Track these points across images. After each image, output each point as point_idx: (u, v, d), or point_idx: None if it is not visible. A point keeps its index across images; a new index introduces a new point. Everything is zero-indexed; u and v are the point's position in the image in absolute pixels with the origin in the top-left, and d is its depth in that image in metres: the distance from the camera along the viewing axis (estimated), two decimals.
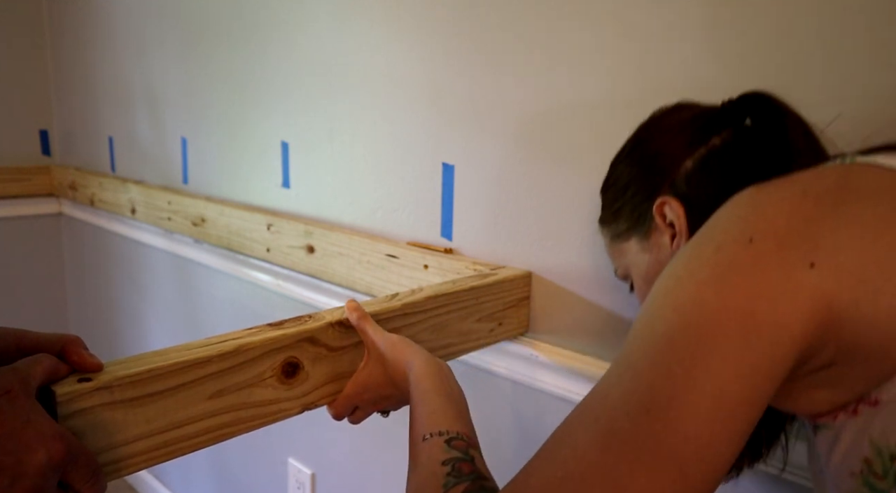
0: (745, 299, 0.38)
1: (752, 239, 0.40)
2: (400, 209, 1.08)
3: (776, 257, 0.39)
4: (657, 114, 0.65)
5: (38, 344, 0.50)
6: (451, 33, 0.95)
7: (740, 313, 0.38)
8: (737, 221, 0.42)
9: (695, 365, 0.38)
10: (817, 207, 0.40)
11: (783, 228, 0.39)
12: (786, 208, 0.40)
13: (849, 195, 0.40)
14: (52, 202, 2.13)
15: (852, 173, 0.42)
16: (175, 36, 1.53)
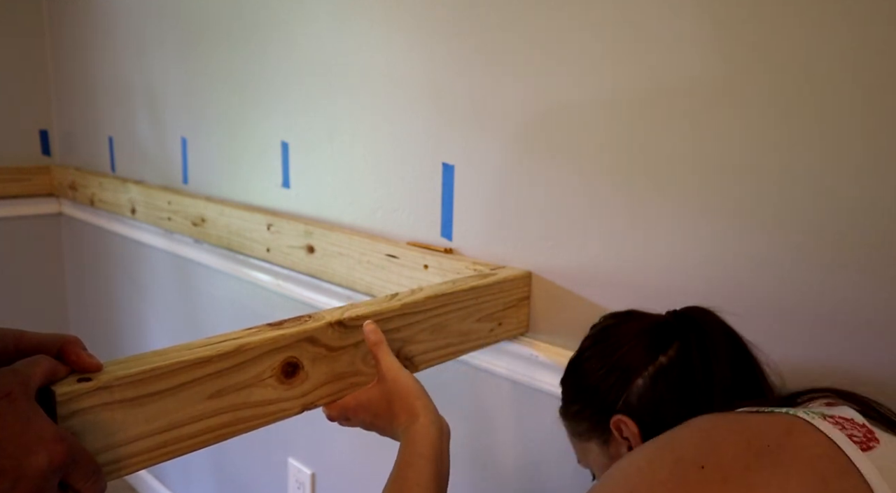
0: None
1: (704, 466, 0.46)
2: (400, 209, 1.08)
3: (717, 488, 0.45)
4: (608, 324, 0.69)
5: (37, 345, 0.50)
6: (452, 33, 0.95)
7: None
8: (696, 444, 0.49)
9: None
10: (757, 460, 0.46)
11: (728, 468, 0.46)
12: (731, 453, 0.47)
13: (785, 456, 0.46)
14: (52, 202, 2.13)
15: (794, 432, 0.48)
16: (175, 36, 1.53)
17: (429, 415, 0.64)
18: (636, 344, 0.64)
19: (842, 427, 0.48)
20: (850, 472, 0.45)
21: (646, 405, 0.61)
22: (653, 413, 0.61)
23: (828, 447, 0.46)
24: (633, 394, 0.62)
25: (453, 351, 0.82)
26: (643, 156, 0.78)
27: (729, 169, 0.71)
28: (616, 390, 0.63)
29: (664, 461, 0.49)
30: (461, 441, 1.03)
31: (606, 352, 0.66)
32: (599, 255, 0.83)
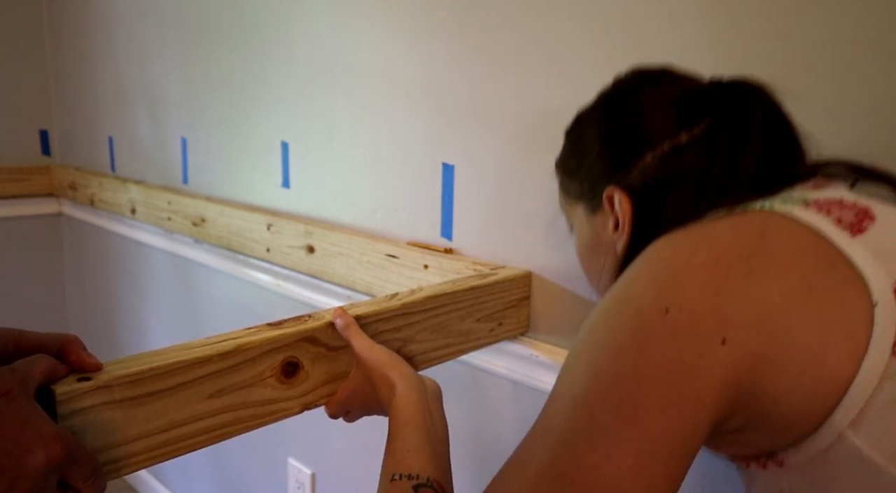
0: (663, 372, 0.39)
1: (668, 309, 0.40)
2: (400, 209, 1.08)
3: (690, 331, 0.40)
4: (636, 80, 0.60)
5: (36, 344, 0.49)
6: (452, 33, 0.95)
7: (658, 385, 0.39)
8: (654, 285, 0.42)
9: (615, 437, 0.39)
10: (728, 278, 0.40)
11: (697, 300, 0.40)
12: (699, 279, 0.41)
13: (760, 263, 0.40)
14: (52, 202, 2.13)
15: (768, 232, 0.42)
16: (175, 36, 1.53)
17: (405, 381, 0.62)
18: (659, 113, 0.54)
19: (827, 212, 0.42)
20: (836, 263, 0.39)
21: (647, 186, 0.53)
22: (652, 198, 0.52)
23: (809, 239, 0.41)
24: (636, 169, 0.53)
25: (453, 351, 0.82)
26: None
27: None
28: (620, 160, 0.55)
29: (623, 319, 0.42)
30: (461, 442, 1.03)
31: (623, 114, 0.57)
32: None
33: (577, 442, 0.40)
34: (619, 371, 0.40)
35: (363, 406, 0.67)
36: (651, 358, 0.40)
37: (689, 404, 0.39)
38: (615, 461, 0.38)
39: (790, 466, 0.41)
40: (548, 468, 0.40)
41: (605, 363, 0.41)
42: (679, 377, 0.39)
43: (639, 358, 0.40)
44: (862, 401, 0.37)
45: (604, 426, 0.39)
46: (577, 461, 0.39)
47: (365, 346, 0.66)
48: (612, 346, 0.42)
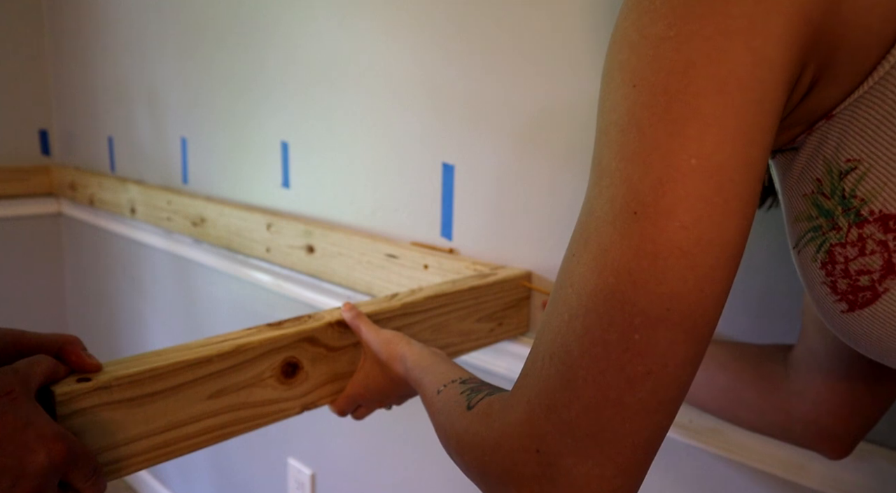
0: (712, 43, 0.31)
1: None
2: (400, 209, 1.08)
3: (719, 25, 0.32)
4: None
5: (36, 345, 0.50)
6: (452, 33, 0.95)
7: (710, 62, 0.31)
8: None
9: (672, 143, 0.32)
10: None
11: None
12: None
13: None
14: (51, 202, 2.13)
15: None
16: (175, 36, 1.53)
17: (414, 348, 0.61)
18: None
19: None
20: None
21: None
22: None
23: None
24: None
25: (453, 351, 0.82)
26: None
27: None
28: None
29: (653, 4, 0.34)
30: None
31: None
32: None
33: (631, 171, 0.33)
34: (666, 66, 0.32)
35: (376, 395, 0.67)
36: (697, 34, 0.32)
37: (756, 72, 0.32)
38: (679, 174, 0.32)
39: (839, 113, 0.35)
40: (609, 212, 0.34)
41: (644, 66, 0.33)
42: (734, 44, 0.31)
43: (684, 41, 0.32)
44: None
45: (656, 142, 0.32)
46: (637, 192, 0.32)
47: (372, 331, 0.67)
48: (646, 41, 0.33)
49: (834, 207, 0.37)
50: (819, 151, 0.37)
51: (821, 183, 0.37)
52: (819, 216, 0.38)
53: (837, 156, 0.36)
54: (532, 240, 0.90)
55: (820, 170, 0.37)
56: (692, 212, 0.32)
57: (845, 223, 0.36)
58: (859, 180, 0.35)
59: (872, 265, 0.36)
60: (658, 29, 0.33)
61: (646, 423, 0.33)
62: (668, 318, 0.32)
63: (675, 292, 0.32)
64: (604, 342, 0.33)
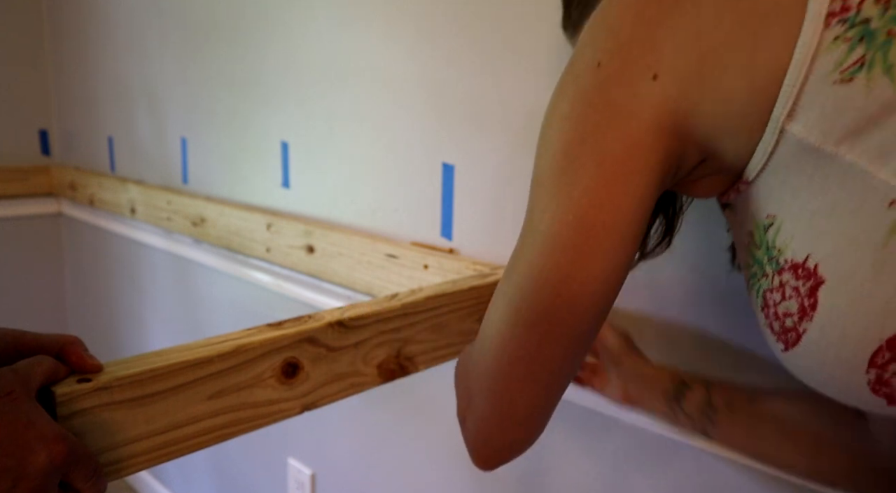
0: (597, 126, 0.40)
1: (600, 63, 0.40)
2: (400, 209, 1.08)
3: (619, 77, 0.39)
4: None
5: (37, 345, 0.50)
6: (452, 33, 0.95)
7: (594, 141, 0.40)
8: (590, 43, 0.42)
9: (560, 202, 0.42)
10: (659, 8, 0.39)
11: (626, 41, 0.39)
12: (629, 17, 0.40)
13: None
14: (51, 202, 2.13)
15: None
16: (175, 36, 1.53)
17: None
18: None
19: None
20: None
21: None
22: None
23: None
24: None
25: (454, 351, 0.82)
26: None
27: None
28: None
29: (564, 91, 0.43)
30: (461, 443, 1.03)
31: None
32: None
33: (531, 211, 0.44)
34: (563, 140, 0.42)
35: None
36: (586, 119, 0.41)
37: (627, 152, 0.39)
38: (557, 219, 0.41)
39: (755, 181, 0.40)
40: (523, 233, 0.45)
41: (553, 138, 0.44)
42: (611, 129, 0.39)
43: (577, 123, 0.41)
44: (797, 86, 0.36)
45: (549, 192, 0.43)
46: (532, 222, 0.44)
47: None
48: (557, 119, 0.43)
49: (762, 256, 0.42)
50: (748, 208, 0.42)
51: (752, 235, 0.42)
52: (754, 264, 0.43)
53: (760, 212, 0.41)
54: None
55: (751, 224, 0.42)
56: (566, 253, 0.41)
57: (770, 271, 0.41)
58: (777, 233, 0.40)
59: (792, 309, 0.40)
60: (564, 108, 0.43)
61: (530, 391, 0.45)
62: (541, 323, 0.43)
63: (548, 306, 0.42)
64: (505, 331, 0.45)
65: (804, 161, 0.37)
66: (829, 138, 0.35)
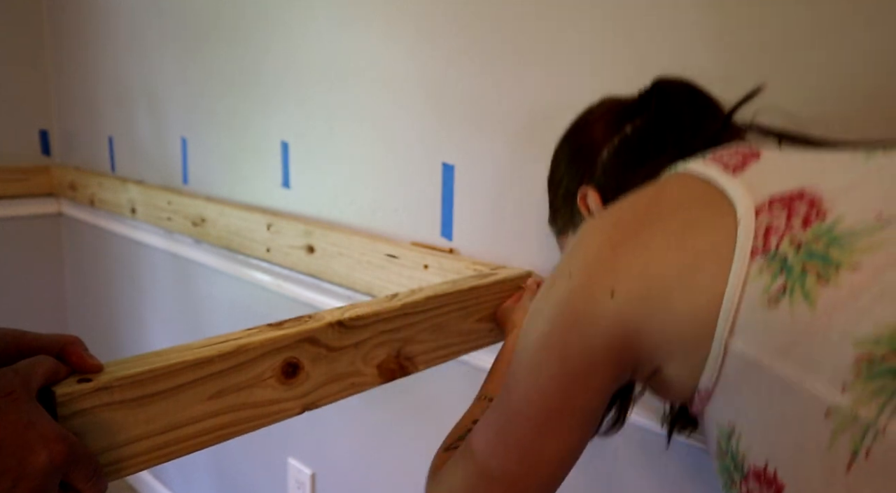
0: (560, 335, 0.47)
1: (571, 274, 0.48)
2: (400, 209, 1.08)
3: (585, 291, 0.46)
4: (584, 110, 0.68)
5: (37, 345, 0.50)
6: (452, 33, 0.95)
7: (557, 346, 0.47)
8: (567, 256, 0.50)
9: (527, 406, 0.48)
10: (623, 234, 0.47)
11: (593, 261, 0.47)
12: (598, 241, 0.48)
13: (650, 217, 0.47)
14: (51, 202, 2.13)
15: (665, 189, 0.48)
16: (175, 36, 1.53)
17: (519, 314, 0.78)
18: (603, 119, 0.62)
19: (718, 160, 0.47)
20: (715, 200, 0.44)
21: (608, 177, 0.60)
22: (614, 186, 0.59)
23: (697, 186, 0.46)
24: (598, 167, 0.61)
25: (453, 351, 0.82)
26: None
27: None
28: (582, 170, 0.63)
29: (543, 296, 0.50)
30: None
31: (576, 133, 0.65)
32: None
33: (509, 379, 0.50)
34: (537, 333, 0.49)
35: (499, 324, 0.85)
36: (555, 321, 0.47)
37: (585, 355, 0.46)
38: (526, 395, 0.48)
39: (714, 394, 0.44)
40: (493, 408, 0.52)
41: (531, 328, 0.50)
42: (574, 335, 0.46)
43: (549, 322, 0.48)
44: (733, 308, 0.41)
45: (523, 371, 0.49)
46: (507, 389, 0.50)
47: (527, 301, 0.81)
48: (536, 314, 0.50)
49: (729, 463, 0.44)
50: (713, 418, 0.45)
51: (719, 443, 0.45)
52: (724, 472, 0.45)
53: (722, 421, 0.44)
54: (532, 240, 0.91)
55: (716, 432, 0.45)
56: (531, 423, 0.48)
57: (738, 478, 0.43)
58: (738, 441, 0.42)
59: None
60: (541, 305, 0.50)
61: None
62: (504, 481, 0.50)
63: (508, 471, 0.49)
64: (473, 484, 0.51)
65: (750, 374, 0.40)
66: (765, 354, 0.39)
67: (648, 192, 0.49)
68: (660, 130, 0.58)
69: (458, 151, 0.98)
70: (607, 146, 0.60)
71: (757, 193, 0.43)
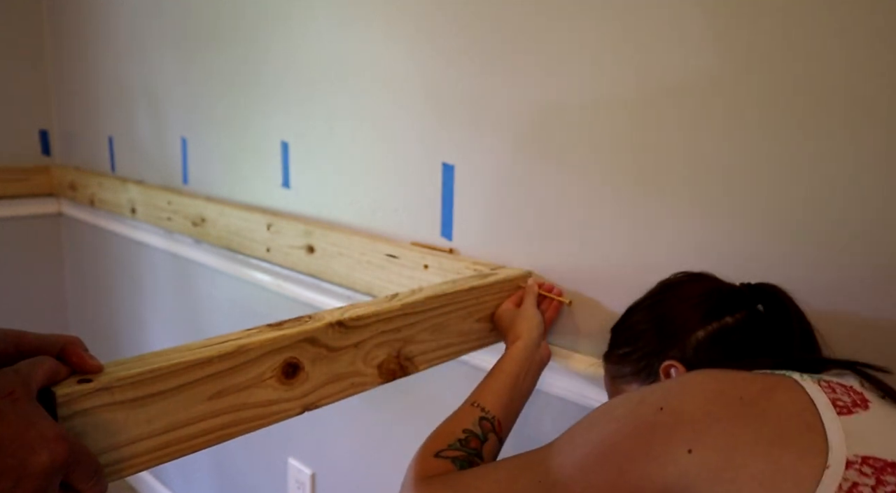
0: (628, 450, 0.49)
1: (663, 408, 0.49)
2: (400, 209, 1.08)
3: (668, 431, 0.48)
4: (680, 278, 0.70)
5: (38, 345, 0.50)
6: (451, 33, 0.95)
7: (623, 457, 0.49)
8: (665, 389, 0.52)
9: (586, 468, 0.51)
10: (723, 408, 0.48)
11: (687, 413, 0.48)
12: (700, 399, 0.49)
13: (752, 409, 0.47)
14: (51, 202, 2.13)
15: (777, 390, 0.49)
16: (175, 36, 1.53)
17: (527, 341, 0.79)
18: (702, 303, 0.64)
19: (831, 391, 0.49)
20: (814, 429, 0.45)
21: (699, 358, 0.62)
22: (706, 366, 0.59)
23: (804, 406, 0.47)
24: (689, 344, 0.63)
25: (453, 351, 0.82)
26: (642, 155, 0.78)
27: (723, 169, 0.71)
28: (670, 339, 0.64)
29: (631, 402, 0.52)
30: None
31: (668, 305, 0.67)
32: (599, 254, 0.84)
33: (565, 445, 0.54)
34: (604, 434, 0.51)
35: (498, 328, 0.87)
36: (628, 435, 0.49)
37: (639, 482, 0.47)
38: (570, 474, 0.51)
39: None
40: None
41: (601, 425, 0.52)
42: (639, 460, 0.48)
43: (620, 433, 0.50)
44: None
45: (579, 453, 0.52)
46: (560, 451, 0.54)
47: (530, 306, 0.84)
48: (609, 415, 0.53)
49: None
50: None
51: None
52: None
53: None
54: (532, 240, 0.91)
55: None
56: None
57: None
58: None
59: None
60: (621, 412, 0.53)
61: None
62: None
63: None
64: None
65: None
66: None
67: (760, 383, 0.50)
68: (765, 331, 0.61)
69: (458, 151, 0.98)
70: (704, 329, 0.63)
71: (854, 446, 0.44)
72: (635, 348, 0.68)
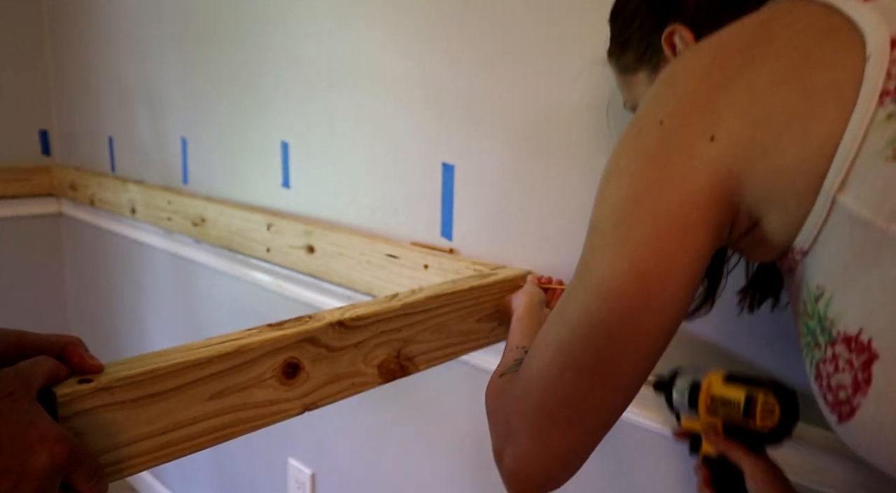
0: (655, 183, 0.42)
1: (662, 121, 0.42)
2: (400, 209, 1.08)
3: (679, 136, 0.41)
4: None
5: (38, 345, 0.50)
6: (452, 33, 0.95)
7: (650, 197, 0.42)
8: (654, 100, 0.44)
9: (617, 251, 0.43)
10: (723, 73, 0.41)
11: (688, 104, 0.42)
12: (693, 81, 0.42)
13: (758, 50, 0.40)
14: (51, 202, 2.13)
15: (775, 17, 0.42)
16: (175, 36, 1.53)
17: (521, 295, 0.79)
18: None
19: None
20: (837, 30, 0.38)
21: (705, 12, 0.53)
22: (713, 20, 0.52)
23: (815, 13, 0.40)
24: (689, 2, 0.54)
25: (454, 351, 0.82)
26: None
27: None
28: (667, 6, 0.56)
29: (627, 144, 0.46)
30: (462, 441, 1.03)
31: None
32: None
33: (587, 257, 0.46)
34: (622, 192, 0.44)
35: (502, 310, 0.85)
36: (645, 174, 0.42)
37: (683, 208, 0.41)
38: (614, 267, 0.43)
39: (809, 252, 0.41)
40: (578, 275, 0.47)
41: (612, 189, 0.45)
42: (668, 185, 0.41)
43: (636, 177, 0.43)
44: (849, 159, 0.36)
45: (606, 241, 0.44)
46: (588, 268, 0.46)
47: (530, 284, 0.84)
48: (617, 172, 0.45)
49: (815, 326, 0.41)
50: (803, 278, 0.42)
51: (805, 304, 0.42)
52: (808, 334, 0.42)
53: (811, 282, 0.41)
54: (532, 240, 0.91)
55: (805, 293, 0.42)
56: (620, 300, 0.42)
57: (823, 342, 0.40)
58: (827, 304, 0.39)
59: (845, 381, 0.39)
60: (623, 162, 0.45)
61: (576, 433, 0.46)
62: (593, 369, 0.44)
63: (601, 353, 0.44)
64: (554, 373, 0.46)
65: (854, 234, 0.37)
66: (880, 215, 0.35)
67: (753, 21, 0.43)
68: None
69: (458, 151, 0.98)
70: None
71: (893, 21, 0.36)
72: (633, 30, 0.60)
